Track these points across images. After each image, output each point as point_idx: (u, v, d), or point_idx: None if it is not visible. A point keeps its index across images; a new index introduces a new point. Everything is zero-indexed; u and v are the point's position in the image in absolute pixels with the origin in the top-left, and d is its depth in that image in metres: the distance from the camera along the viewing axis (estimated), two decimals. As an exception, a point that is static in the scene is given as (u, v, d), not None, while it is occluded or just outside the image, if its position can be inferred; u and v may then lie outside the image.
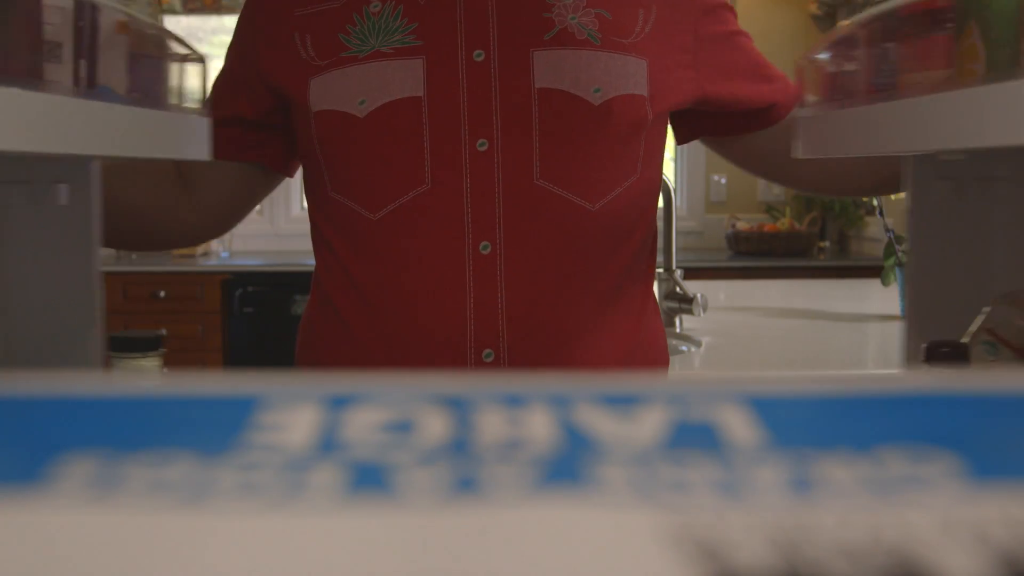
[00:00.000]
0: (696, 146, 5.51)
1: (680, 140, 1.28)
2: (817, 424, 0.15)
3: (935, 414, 0.15)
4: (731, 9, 1.22)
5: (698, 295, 1.89)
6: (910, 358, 0.95)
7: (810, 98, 0.95)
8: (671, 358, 1.29)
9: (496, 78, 1.06)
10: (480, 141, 1.05)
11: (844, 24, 0.88)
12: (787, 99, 1.21)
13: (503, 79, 1.06)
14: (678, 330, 1.97)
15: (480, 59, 1.06)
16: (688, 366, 1.74)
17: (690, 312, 1.90)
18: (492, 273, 1.04)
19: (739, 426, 0.15)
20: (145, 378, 0.87)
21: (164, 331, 0.93)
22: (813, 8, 4.76)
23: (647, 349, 1.15)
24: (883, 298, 2.52)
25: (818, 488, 0.13)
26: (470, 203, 1.05)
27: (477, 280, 1.04)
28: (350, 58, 1.07)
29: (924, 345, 0.83)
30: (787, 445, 0.14)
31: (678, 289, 1.92)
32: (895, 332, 2.13)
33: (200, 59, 0.90)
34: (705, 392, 0.16)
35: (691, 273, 3.66)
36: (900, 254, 2.21)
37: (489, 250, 1.04)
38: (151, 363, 0.91)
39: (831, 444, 0.14)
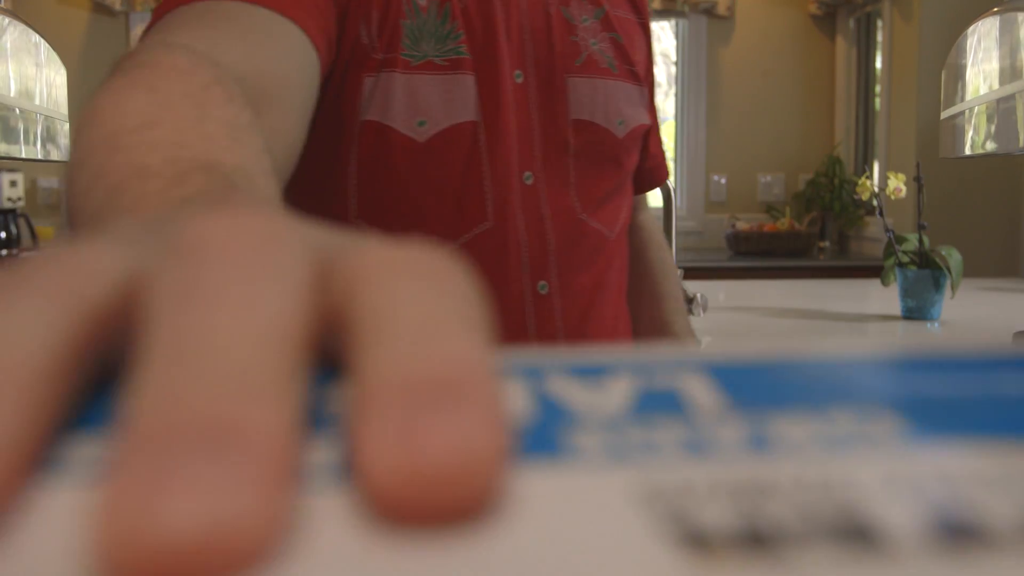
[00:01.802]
0: (696, 146, 5.44)
1: None
2: (774, 387, 0.16)
3: (883, 376, 0.16)
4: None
5: (698, 295, 1.90)
6: None
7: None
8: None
9: (535, 104, 0.95)
10: (526, 174, 0.95)
11: None
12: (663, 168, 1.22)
13: (541, 106, 0.95)
14: (677, 329, 1.98)
15: (520, 81, 0.94)
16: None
17: (690, 312, 1.90)
18: (550, 314, 0.97)
19: (701, 392, 0.16)
20: None
21: None
22: (813, 8, 4.78)
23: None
24: (883, 298, 2.53)
25: (775, 445, 0.14)
26: (526, 241, 0.95)
27: (539, 322, 0.97)
28: (403, 61, 0.88)
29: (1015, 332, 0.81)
30: (746, 407, 0.15)
31: (677, 288, 1.93)
32: (895, 332, 2.13)
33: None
34: (668, 362, 0.17)
35: (691, 273, 3.67)
36: (900, 254, 2.22)
37: (547, 290, 0.96)
38: None
39: (786, 404, 0.15)
